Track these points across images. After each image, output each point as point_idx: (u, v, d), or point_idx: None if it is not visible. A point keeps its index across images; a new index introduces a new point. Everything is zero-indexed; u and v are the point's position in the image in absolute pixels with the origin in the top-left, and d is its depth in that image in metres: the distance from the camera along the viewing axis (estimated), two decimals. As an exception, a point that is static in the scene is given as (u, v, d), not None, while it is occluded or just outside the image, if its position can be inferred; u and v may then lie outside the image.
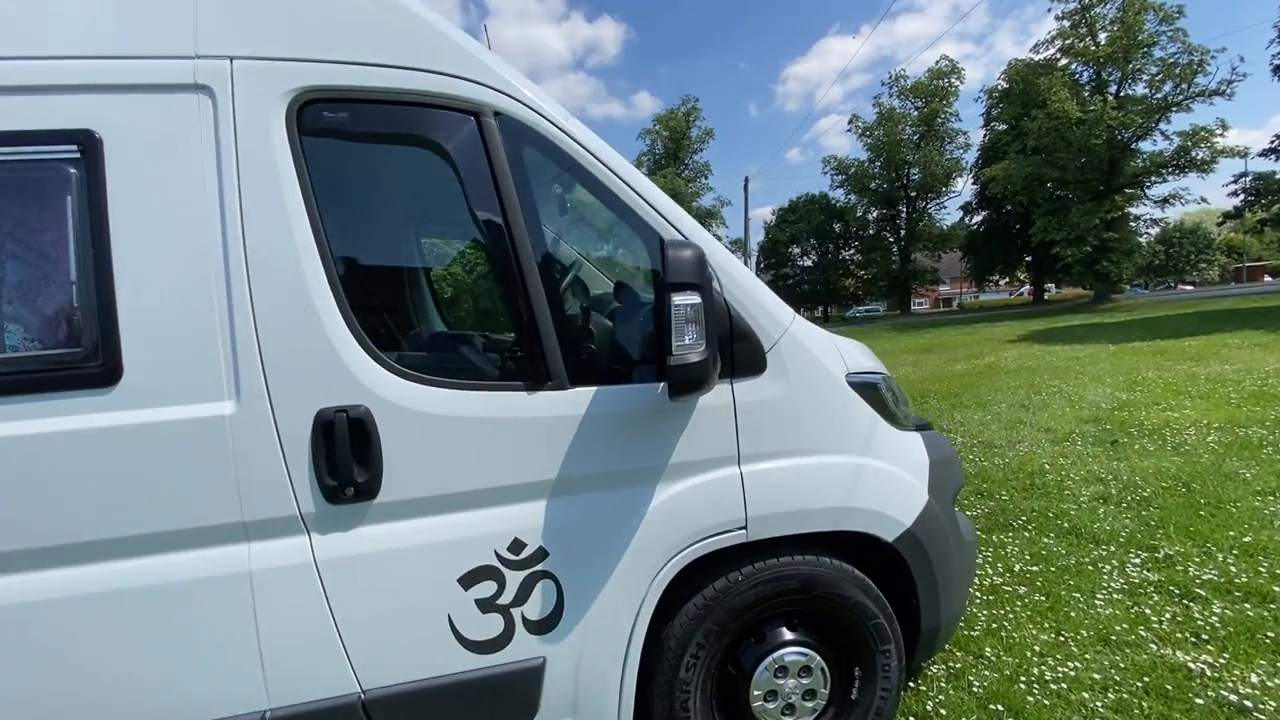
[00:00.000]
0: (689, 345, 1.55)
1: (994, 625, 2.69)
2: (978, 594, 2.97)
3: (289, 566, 1.60)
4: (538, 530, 1.74)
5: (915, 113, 45.18)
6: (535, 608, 1.76)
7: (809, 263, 59.24)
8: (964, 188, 46.21)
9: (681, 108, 52.10)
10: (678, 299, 1.53)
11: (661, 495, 1.82)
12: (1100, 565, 3.11)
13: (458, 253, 1.78)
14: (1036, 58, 34.68)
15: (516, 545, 1.73)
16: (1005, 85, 37.76)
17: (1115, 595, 2.83)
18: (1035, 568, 3.16)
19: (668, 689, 1.89)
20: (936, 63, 45.09)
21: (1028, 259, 42.05)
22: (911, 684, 2.38)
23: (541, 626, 1.77)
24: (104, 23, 1.51)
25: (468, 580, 1.70)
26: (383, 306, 1.74)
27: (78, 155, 1.48)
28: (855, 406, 2.02)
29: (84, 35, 1.50)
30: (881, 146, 45.63)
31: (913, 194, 47.18)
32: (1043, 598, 2.88)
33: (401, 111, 1.67)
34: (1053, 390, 7.81)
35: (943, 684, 2.40)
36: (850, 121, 47.41)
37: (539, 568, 1.75)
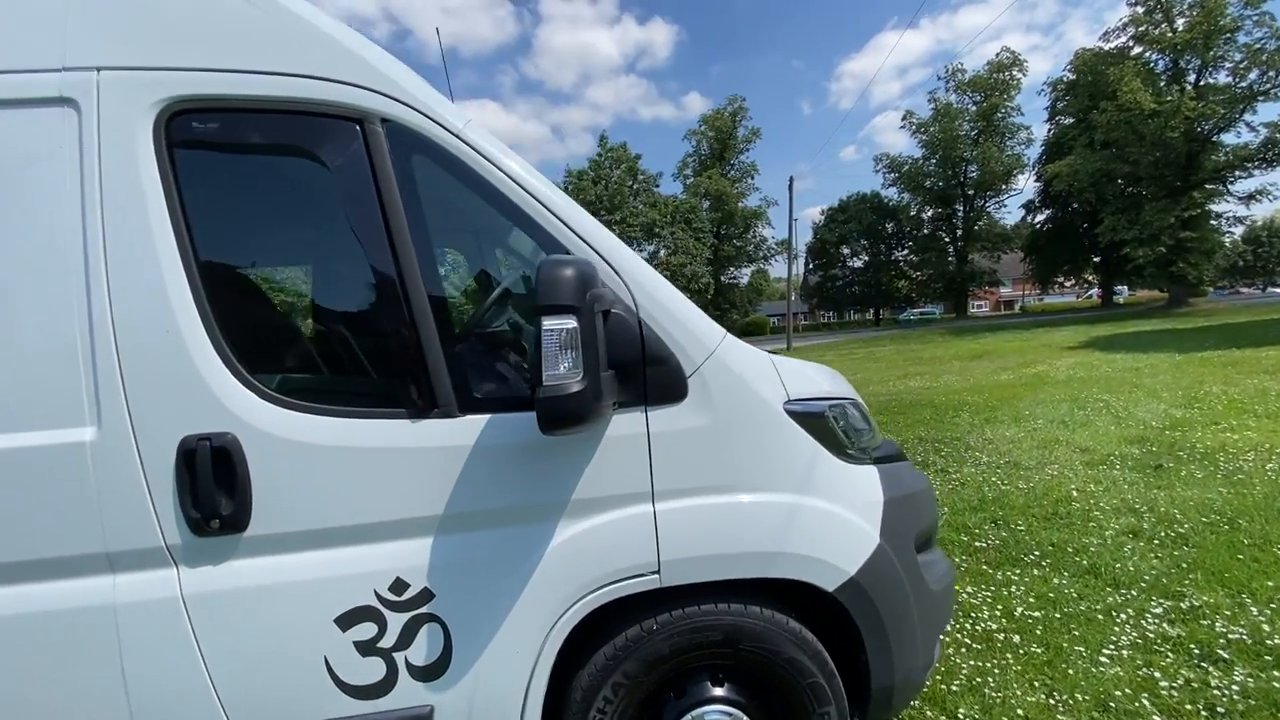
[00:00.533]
0: (563, 375, 1.38)
1: (977, 680, 2.41)
2: (966, 641, 2.68)
3: (155, 600, 1.52)
4: (423, 570, 1.61)
5: (973, 108, 43.30)
6: (420, 653, 1.62)
7: (859, 264, 57.68)
8: (1026, 185, 44.04)
9: (728, 107, 51.53)
10: (549, 323, 1.36)
11: (563, 534, 1.66)
12: (1114, 614, 2.76)
13: (342, 271, 1.68)
14: (1106, 46, 32.66)
15: (399, 585, 1.60)
16: (1072, 76, 35.69)
17: (1124, 651, 2.49)
18: (1038, 613, 2.84)
19: (570, 749, 1.73)
20: (997, 55, 43.08)
21: (1095, 260, 39.66)
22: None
23: (427, 673, 1.63)
24: None
25: (345, 621, 1.59)
26: (255, 328, 1.65)
27: (-64, 172, 1.44)
28: (791, 438, 1.80)
29: None
30: (937, 143, 43.96)
31: (970, 192, 45.26)
32: (1040, 649, 2.56)
33: (278, 120, 1.57)
34: (1099, 405, 7.21)
35: (904, 747, 2.15)
36: (904, 118, 45.88)
37: (424, 610, 1.61)
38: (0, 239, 1.45)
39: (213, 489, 1.49)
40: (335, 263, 1.67)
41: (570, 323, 1.38)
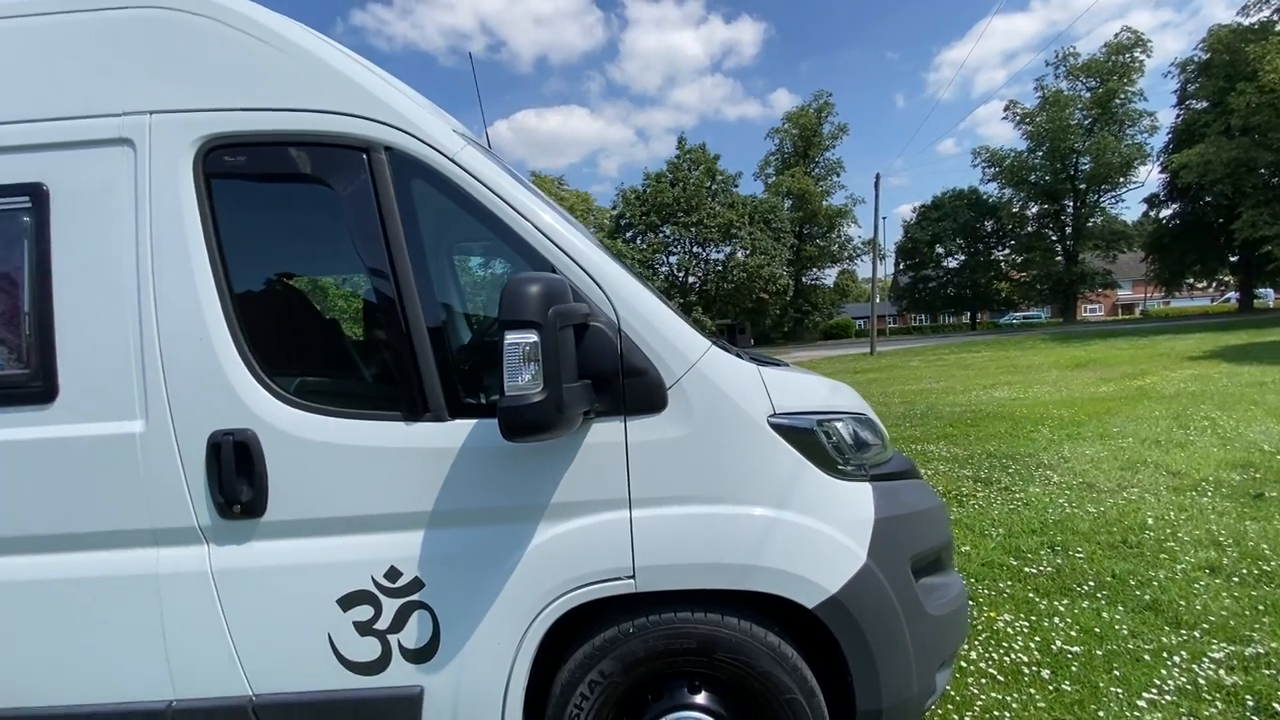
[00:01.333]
0: (524, 386, 1.47)
1: (993, 714, 2.28)
2: (990, 671, 2.54)
3: (189, 573, 1.75)
4: (414, 560, 1.75)
5: (1087, 94, 39.78)
6: (411, 636, 1.77)
7: (954, 264, 54.42)
8: (1148, 177, 39.97)
9: (813, 103, 50.14)
10: (511, 337, 1.46)
11: (543, 535, 1.76)
12: (1166, 655, 2.52)
13: (349, 286, 1.85)
14: (1246, 22, 29.06)
15: (393, 573, 1.75)
16: (1205, 56, 32.03)
17: (1168, 696, 2.28)
18: (1078, 648, 2.64)
19: (550, 739, 1.82)
20: (1116, 35, 39.33)
21: (1232, 259, 35.40)
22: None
23: (418, 655, 1.78)
24: (49, 89, 1.75)
25: (346, 602, 1.76)
26: (273, 337, 1.86)
27: (29, 205, 1.73)
28: (773, 452, 1.80)
29: (32, 101, 1.75)
30: (1044, 134, 40.74)
31: (1081, 186, 41.63)
32: (1072, 687, 2.39)
33: (295, 151, 1.76)
34: (1204, 424, 6.49)
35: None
36: (1007, 108, 42.85)
37: (415, 597, 1.76)
38: (70, 260, 1.72)
39: (235, 478, 1.70)
40: (347, 278, 1.85)
41: (531, 337, 1.47)
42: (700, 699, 1.84)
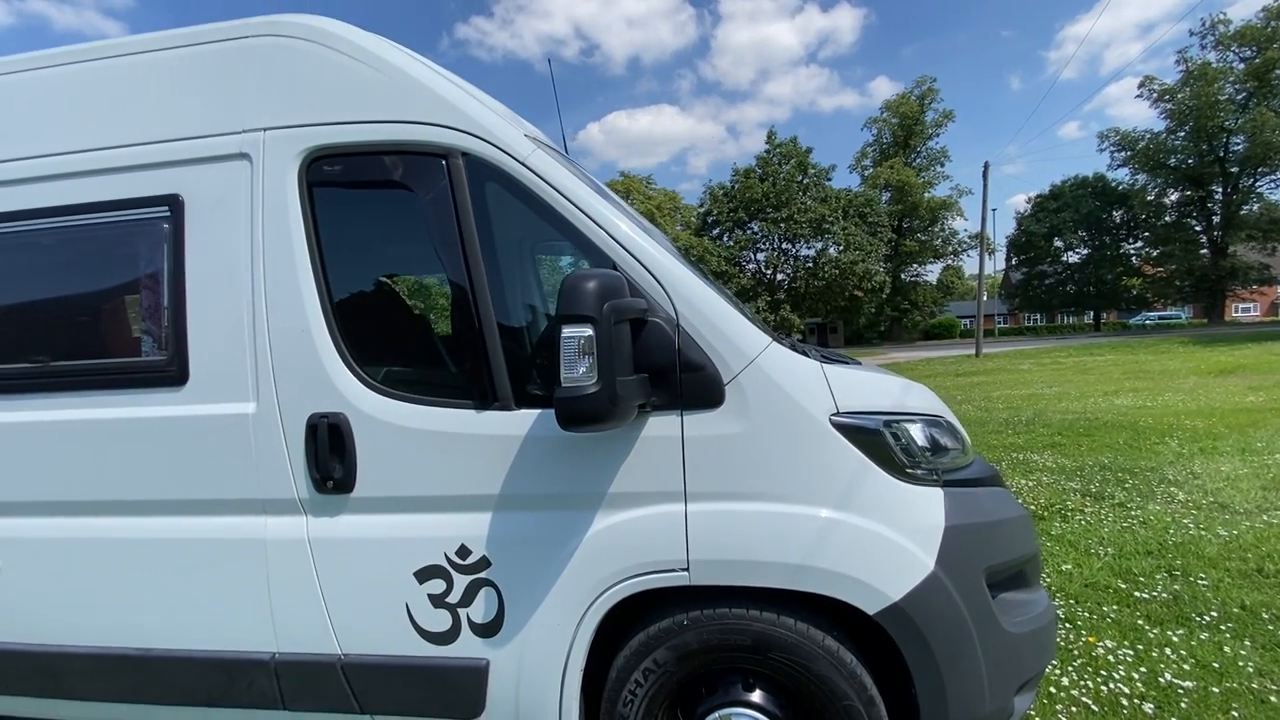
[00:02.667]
0: (580, 378, 1.53)
1: (1083, 743, 2.10)
2: (1084, 700, 2.34)
3: (291, 540, 1.96)
4: (482, 539, 1.87)
5: (1240, 66, 35.04)
6: (479, 611, 1.89)
7: (1075, 258, 49.82)
8: (1320, 156, 34.61)
9: (915, 90, 47.47)
10: (567, 331, 1.52)
11: (601, 523, 1.82)
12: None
13: (431, 283, 1.99)
14: None
15: (463, 551, 1.88)
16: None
17: (1299, 747, 2.01)
18: (1191, 683, 2.37)
19: (607, 718, 1.88)
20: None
21: None
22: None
23: (485, 630, 1.90)
24: (183, 111, 2.01)
25: (422, 575, 1.90)
26: (365, 329, 2.03)
27: (168, 214, 2.00)
28: (834, 451, 1.76)
29: (170, 122, 2.01)
30: (1186, 112, 36.36)
31: (1233, 169, 36.75)
32: (1180, 724, 2.16)
33: (385, 160, 1.92)
34: (1379, 442, 5.58)
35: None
36: (1141, 84, 38.60)
37: (482, 575, 1.88)
38: (200, 262, 1.97)
39: (328, 456, 1.88)
40: (426, 275, 2.00)
41: (587, 331, 1.52)
42: (755, 697, 1.84)
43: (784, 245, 33.86)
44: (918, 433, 1.90)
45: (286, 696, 2.01)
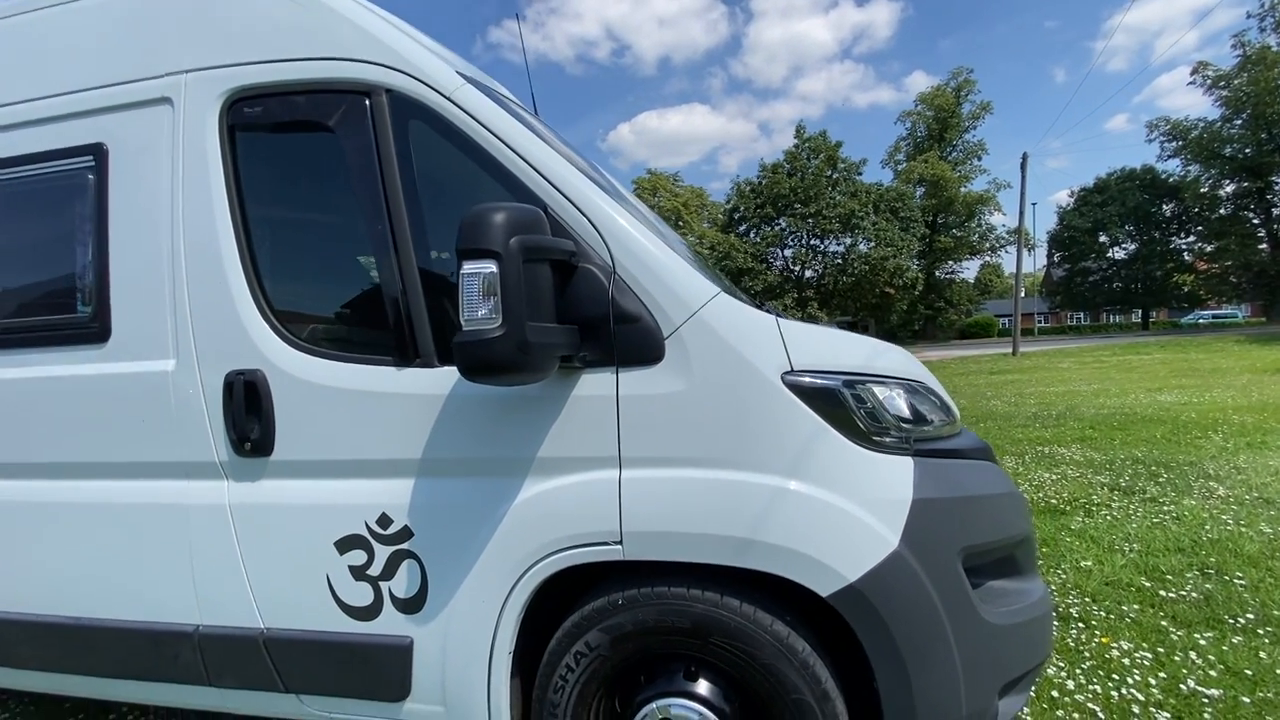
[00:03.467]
0: (481, 320, 1.37)
1: (1083, 754, 1.85)
2: (1091, 706, 2.07)
3: (212, 505, 1.85)
4: (404, 508, 1.72)
5: (1306, 46, 33.04)
6: (401, 585, 1.75)
7: (1122, 254, 47.80)
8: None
9: (951, 82, 46.13)
10: (468, 267, 1.36)
11: (529, 491, 1.66)
12: (1348, 713, 1.92)
13: (350, 231, 1.86)
14: None
15: (384, 520, 1.74)
16: None
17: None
18: (1216, 690, 2.08)
19: (538, 707, 1.72)
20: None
21: None
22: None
23: (408, 606, 1.75)
24: (104, 58, 1.92)
25: (342, 546, 1.77)
26: (284, 281, 1.90)
27: (92, 163, 1.91)
28: (786, 413, 1.56)
29: (91, 70, 1.92)
30: (1244, 99, 34.42)
31: (1296, 158, 34.65)
32: (1200, 736, 1.89)
33: (306, 99, 1.79)
34: None
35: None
36: (1194, 71, 36.72)
37: (404, 546, 1.73)
38: (123, 213, 1.87)
39: (245, 416, 1.76)
40: (346, 224, 1.87)
41: (490, 267, 1.36)
42: (698, 687, 1.64)
43: (812, 241, 33.19)
44: (886, 395, 1.68)
45: (211, 671, 1.90)
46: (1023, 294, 29.95)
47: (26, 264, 2.07)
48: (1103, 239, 46.98)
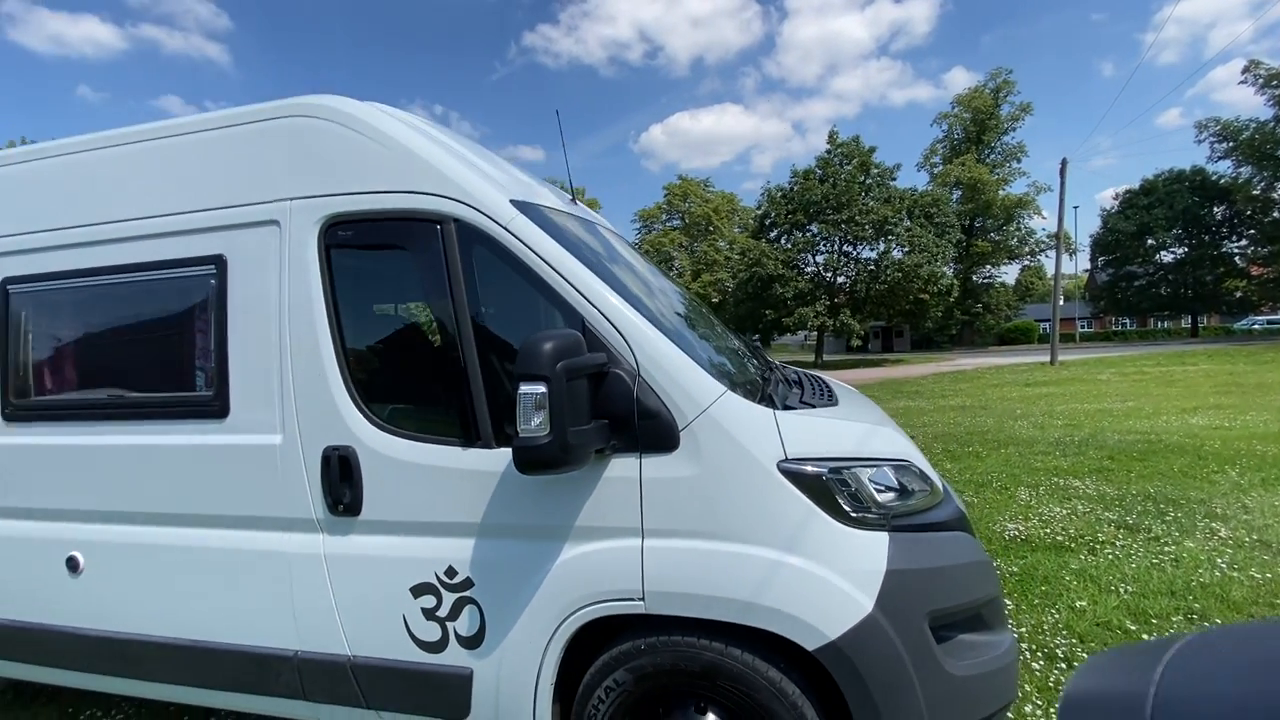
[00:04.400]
0: (533, 429, 1.73)
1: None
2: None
3: (309, 554, 2.27)
4: (467, 562, 2.11)
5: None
6: (464, 625, 2.14)
7: (1170, 258, 46.18)
8: None
9: (989, 83, 45.22)
10: (523, 388, 1.73)
11: (568, 553, 2.03)
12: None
13: (425, 334, 2.24)
14: None
15: (451, 571, 2.13)
16: None
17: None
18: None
19: (575, 729, 2.08)
20: None
21: None
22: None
23: (469, 642, 2.14)
24: (225, 183, 2.35)
25: (416, 591, 2.16)
26: (372, 373, 2.30)
27: (215, 271, 2.34)
28: (781, 496, 1.90)
29: (215, 193, 2.35)
30: (1300, 98, 33.00)
31: (1358, 159, 33.10)
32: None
33: (388, 225, 2.20)
34: None
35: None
36: (1245, 70, 35.35)
37: (467, 593, 2.12)
38: (239, 311, 2.30)
39: (339, 483, 2.17)
40: (421, 328, 2.26)
41: (540, 388, 1.72)
42: (708, 719, 1.99)
43: (845, 247, 33.01)
44: (868, 478, 2.00)
45: (307, 689, 2.32)
46: (1062, 301, 29.30)
47: (160, 350, 2.53)
48: (1149, 242, 45.45)
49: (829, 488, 1.92)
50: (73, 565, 2.56)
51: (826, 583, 1.86)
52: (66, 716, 3.14)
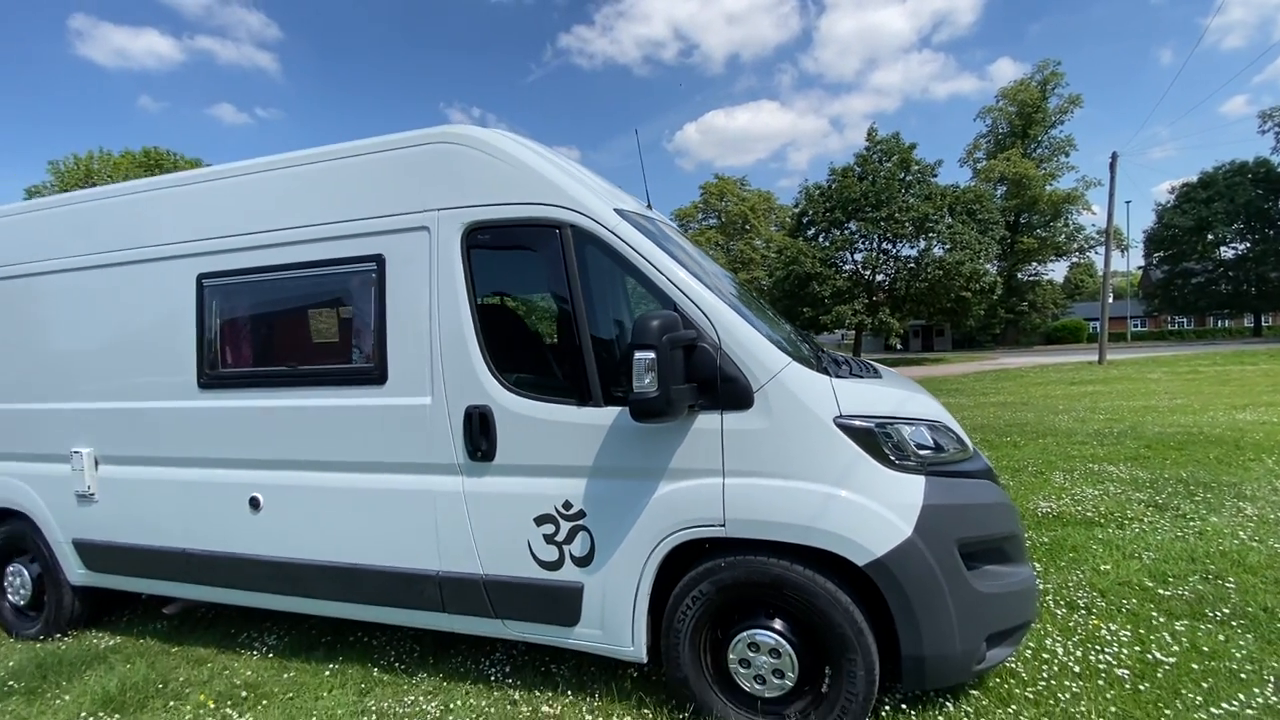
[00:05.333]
0: (645, 386, 2.26)
1: (1053, 696, 2.55)
2: (1067, 664, 2.76)
3: (451, 492, 2.85)
4: (581, 496, 2.65)
5: None
6: (577, 548, 2.68)
7: (1231, 254, 44.33)
8: None
9: (1035, 76, 44.13)
10: (637, 355, 2.26)
11: (663, 489, 2.55)
12: (1271, 677, 2.51)
13: (547, 316, 2.79)
14: None
15: (567, 504, 2.67)
16: None
17: (1249, 711, 2.36)
18: (1172, 659, 2.72)
19: (666, 631, 2.60)
20: None
21: None
22: (907, 707, 2.54)
23: (581, 562, 2.68)
24: (386, 196, 2.94)
25: (539, 521, 2.72)
26: (504, 347, 2.86)
27: (375, 268, 2.94)
28: (835, 444, 2.38)
29: (377, 204, 2.95)
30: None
31: None
32: (1151, 688, 2.55)
33: (518, 230, 2.76)
34: None
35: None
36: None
37: (580, 522, 2.66)
38: (396, 300, 2.89)
39: (478, 435, 2.73)
40: (545, 311, 2.80)
41: (650, 355, 2.25)
42: (775, 624, 2.49)
43: (884, 245, 32.81)
44: (908, 432, 2.47)
45: (446, 602, 2.90)
46: (1111, 299, 28.59)
47: (330, 331, 3.15)
48: (1209, 238, 43.72)
49: (875, 438, 2.40)
50: (254, 504, 3.20)
51: (874, 512, 2.34)
52: (229, 637, 3.81)
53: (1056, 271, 48.73)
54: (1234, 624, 3.04)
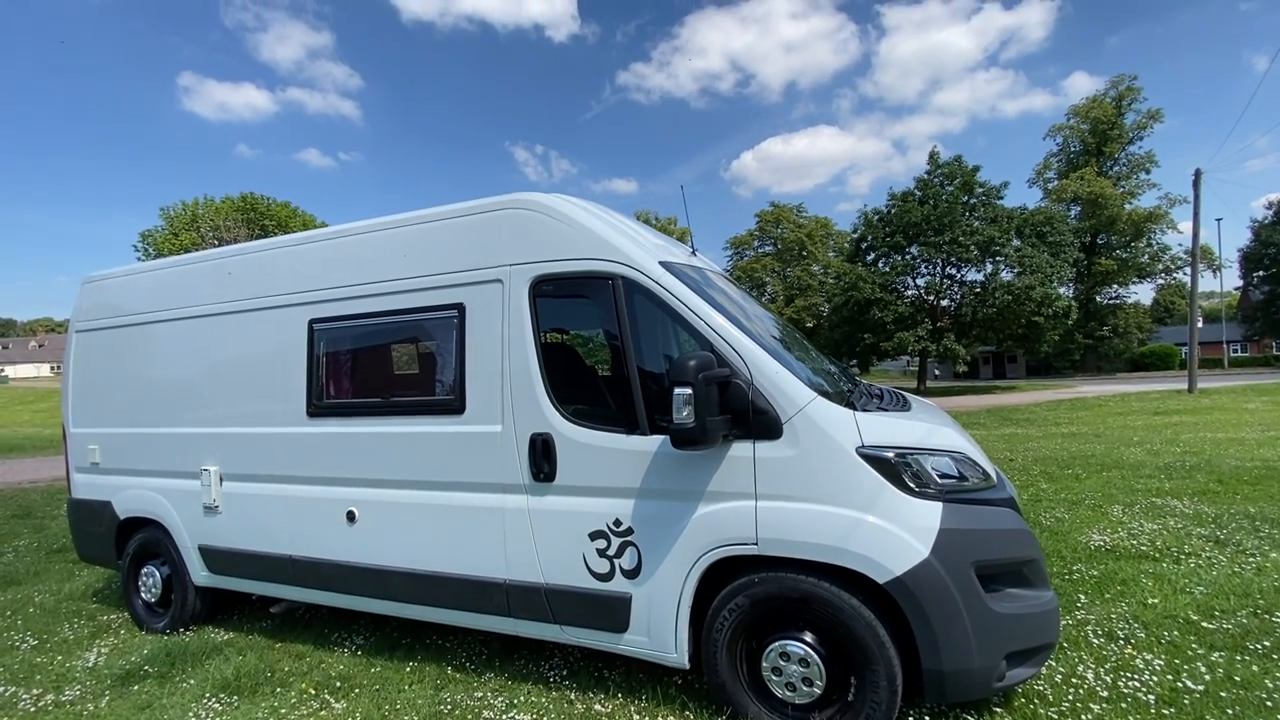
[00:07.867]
0: (683, 418, 2.60)
1: (1071, 718, 2.66)
2: (1096, 689, 2.85)
3: (518, 509, 3.26)
4: (629, 515, 3.01)
5: None
6: (626, 561, 3.02)
7: (1343, 273, 40.63)
8: None
9: (1109, 92, 42.38)
10: (676, 391, 2.61)
11: (703, 510, 2.87)
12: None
13: (599, 355, 3.18)
14: None
15: (618, 522, 3.03)
16: None
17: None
18: (1202, 687, 2.77)
19: (705, 639, 2.90)
20: None
21: None
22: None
23: (630, 574, 3.02)
24: (466, 252, 3.45)
25: (593, 536, 3.09)
26: (563, 382, 3.28)
27: (457, 314, 3.43)
28: (859, 472, 2.65)
29: (459, 259, 3.45)
30: None
31: None
32: (1174, 713, 2.61)
33: (576, 281, 3.19)
34: None
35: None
36: None
37: (629, 538, 3.01)
38: (474, 342, 3.37)
39: (541, 459, 3.14)
40: (599, 352, 3.21)
41: (687, 390, 2.60)
42: (806, 636, 2.75)
43: (948, 270, 32.01)
44: (929, 462, 2.70)
45: (513, 608, 3.30)
46: (1201, 323, 26.77)
47: (417, 368, 3.66)
48: (1315, 255, 40.32)
49: (895, 467, 2.65)
50: (351, 517, 3.72)
51: (894, 535, 2.58)
52: (323, 635, 4.33)
53: (1142, 294, 46.00)
54: (1275, 656, 3.04)
